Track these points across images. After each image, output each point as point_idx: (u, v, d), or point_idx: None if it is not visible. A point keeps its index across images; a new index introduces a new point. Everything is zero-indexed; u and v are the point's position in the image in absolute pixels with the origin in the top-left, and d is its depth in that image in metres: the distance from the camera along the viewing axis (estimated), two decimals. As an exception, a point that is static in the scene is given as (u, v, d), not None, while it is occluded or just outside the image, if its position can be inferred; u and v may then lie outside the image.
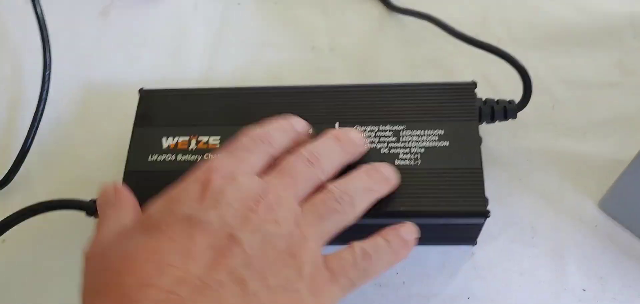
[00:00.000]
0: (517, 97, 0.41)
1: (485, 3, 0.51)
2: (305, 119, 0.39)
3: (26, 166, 0.46)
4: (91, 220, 0.40)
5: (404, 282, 0.40)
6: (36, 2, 0.44)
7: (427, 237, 0.40)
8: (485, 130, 0.44)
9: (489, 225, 0.41)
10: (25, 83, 0.51)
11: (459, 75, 0.47)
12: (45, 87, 0.47)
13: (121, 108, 0.47)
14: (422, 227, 0.38)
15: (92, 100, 0.50)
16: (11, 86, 0.51)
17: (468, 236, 0.40)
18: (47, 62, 0.48)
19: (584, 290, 0.39)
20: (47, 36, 0.48)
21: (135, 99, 0.43)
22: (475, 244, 0.41)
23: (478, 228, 0.38)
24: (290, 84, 0.42)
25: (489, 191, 0.42)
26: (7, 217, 0.39)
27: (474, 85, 0.40)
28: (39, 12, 0.46)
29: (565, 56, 0.47)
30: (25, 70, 0.52)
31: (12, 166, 0.45)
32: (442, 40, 0.47)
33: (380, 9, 0.52)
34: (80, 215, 0.40)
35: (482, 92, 0.44)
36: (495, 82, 0.46)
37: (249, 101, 0.41)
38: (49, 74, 0.48)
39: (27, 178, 0.46)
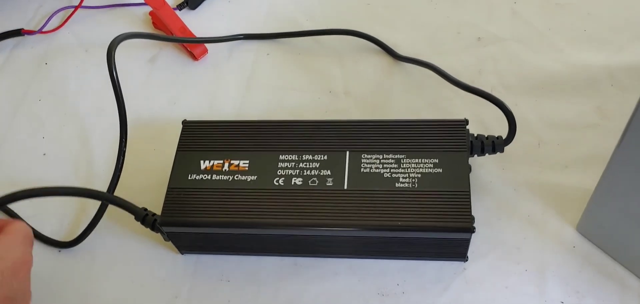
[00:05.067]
0: (505, 135, 0.47)
1: (481, 57, 0.58)
2: (320, 148, 0.46)
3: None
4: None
5: (403, 292, 0.46)
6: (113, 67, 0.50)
7: (423, 251, 0.46)
8: (477, 162, 0.50)
9: (479, 244, 0.47)
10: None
11: (456, 116, 0.53)
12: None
13: (163, 141, 0.55)
14: (418, 241, 0.45)
15: (139, 134, 0.57)
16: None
17: (459, 251, 0.45)
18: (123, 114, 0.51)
19: (562, 303, 0.44)
20: (121, 94, 0.51)
21: (175, 134, 0.49)
22: (467, 260, 0.46)
23: (466, 242, 0.44)
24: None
25: (479, 216, 0.48)
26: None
27: (466, 122, 0.47)
28: (115, 76, 0.50)
29: (550, 102, 0.54)
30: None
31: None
32: (442, 86, 0.53)
33: (388, 59, 0.59)
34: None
35: (476, 130, 0.50)
36: (488, 123, 0.53)
37: (273, 131, 0.48)
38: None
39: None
